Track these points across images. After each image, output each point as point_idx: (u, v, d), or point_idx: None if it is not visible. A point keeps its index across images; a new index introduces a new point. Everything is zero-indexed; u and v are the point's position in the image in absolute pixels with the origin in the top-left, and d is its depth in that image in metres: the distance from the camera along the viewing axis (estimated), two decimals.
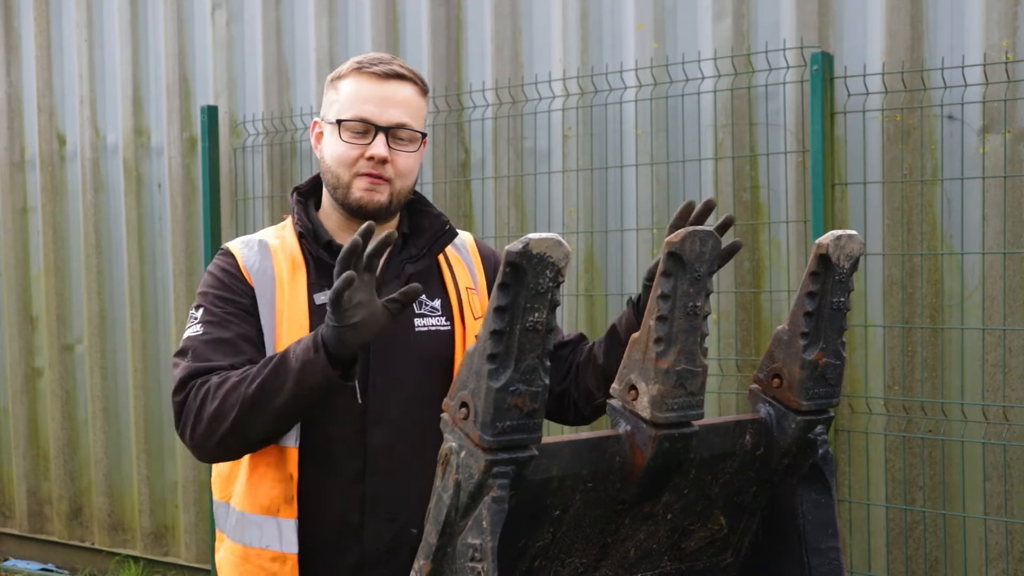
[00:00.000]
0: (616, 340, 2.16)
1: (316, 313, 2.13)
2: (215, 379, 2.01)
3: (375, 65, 2.17)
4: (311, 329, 2.10)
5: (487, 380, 1.46)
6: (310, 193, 2.29)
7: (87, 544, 6.28)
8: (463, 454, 1.50)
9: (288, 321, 2.12)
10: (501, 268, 1.45)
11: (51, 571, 6.28)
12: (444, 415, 1.55)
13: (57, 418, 6.33)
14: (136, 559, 6.04)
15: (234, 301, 2.13)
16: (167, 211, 5.85)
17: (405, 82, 2.19)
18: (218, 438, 2.00)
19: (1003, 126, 3.82)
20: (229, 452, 2.07)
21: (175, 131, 5.80)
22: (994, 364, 3.87)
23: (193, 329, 2.11)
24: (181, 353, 2.11)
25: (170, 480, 5.91)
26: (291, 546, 2.10)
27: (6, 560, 6.49)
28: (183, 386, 2.06)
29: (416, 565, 1.55)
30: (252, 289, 2.14)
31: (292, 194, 2.28)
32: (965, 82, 3.80)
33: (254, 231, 5.34)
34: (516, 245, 1.44)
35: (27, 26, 6.36)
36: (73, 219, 6.23)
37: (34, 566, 6.34)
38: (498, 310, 1.45)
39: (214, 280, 2.16)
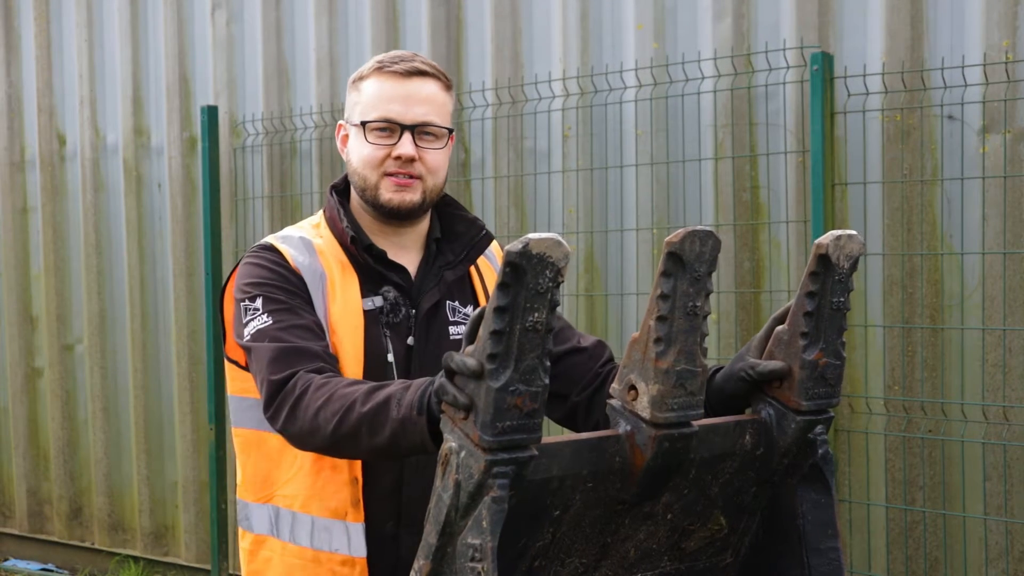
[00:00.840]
0: None
1: (367, 319, 2.10)
2: (318, 379, 1.89)
3: (396, 63, 2.13)
4: (365, 334, 2.08)
5: (487, 380, 1.46)
6: (345, 191, 2.23)
7: (87, 544, 6.28)
8: (463, 454, 1.50)
9: (342, 324, 2.08)
10: (501, 268, 1.45)
11: (51, 571, 6.28)
12: (443, 415, 1.55)
13: (57, 418, 6.33)
14: (136, 559, 6.04)
15: (294, 293, 2.06)
16: (167, 211, 5.85)
17: (428, 78, 2.14)
18: (311, 446, 1.92)
19: (1003, 126, 3.82)
20: (323, 455, 2.01)
21: (175, 131, 5.80)
22: (994, 364, 3.87)
23: (260, 320, 2.01)
24: (257, 339, 1.98)
25: (170, 480, 5.91)
26: (359, 550, 2.08)
27: (6, 560, 6.49)
28: (280, 366, 1.93)
29: (416, 565, 1.55)
30: (306, 285, 2.08)
31: (330, 192, 2.22)
32: (965, 82, 3.80)
33: (254, 231, 5.42)
34: (516, 245, 1.44)
35: (27, 26, 6.36)
36: (73, 219, 6.23)
37: (34, 566, 6.34)
38: (498, 310, 1.45)
39: (266, 272, 2.07)
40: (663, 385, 1.60)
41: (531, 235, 1.44)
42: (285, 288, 2.05)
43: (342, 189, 2.23)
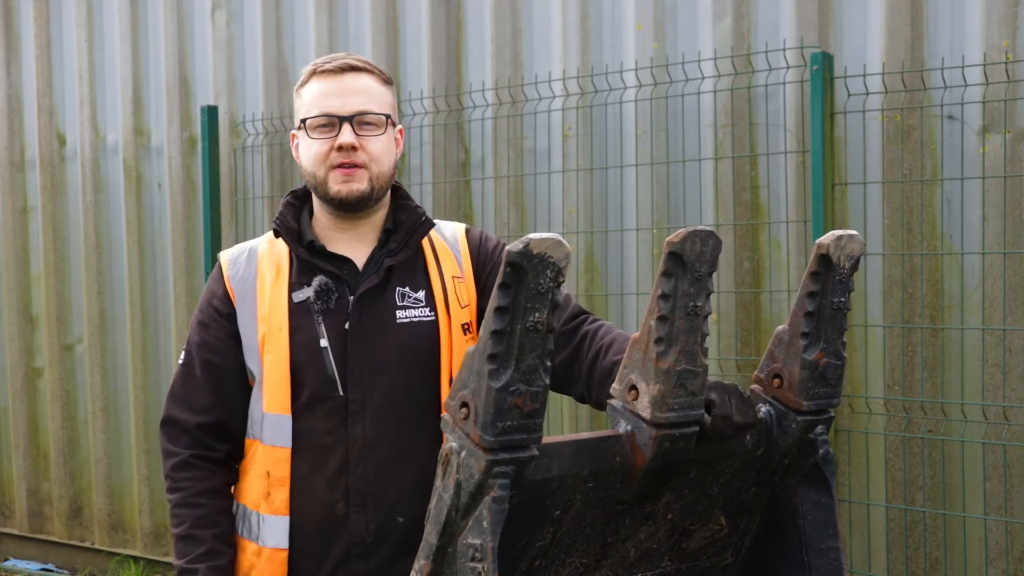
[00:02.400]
0: None
1: (295, 312, 2.20)
2: (173, 506, 2.20)
3: (329, 63, 2.24)
4: (291, 327, 2.19)
5: (488, 380, 1.47)
6: (305, 197, 2.33)
7: (87, 544, 6.28)
8: (463, 454, 1.50)
9: (270, 322, 2.20)
10: (502, 268, 1.45)
11: (51, 571, 6.28)
12: (445, 415, 1.55)
13: (57, 418, 6.33)
14: (136, 559, 6.04)
15: (209, 326, 2.25)
16: (167, 211, 5.85)
17: (362, 73, 2.24)
18: None
19: (1003, 126, 3.82)
20: None
21: (175, 131, 5.80)
22: (994, 364, 3.87)
23: (181, 358, 2.30)
24: (171, 384, 2.30)
25: None
26: (270, 541, 2.18)
27: (6, 560, 6.49)
28: (164, 429, 2.27)
29: (416, 565, 1.55)
30: (231, 302, 2.24)
31: (285, 196, 2.34)
32: (965, 82, 3.80)
33: (254, 231, 5.42)
34: (517, 245, 1.44)
35: (27, 26, 6.36)
36: (73, 219, 6.23)
37: (34, 566, 6.34)
38: (499, 310, 1.45)
39: (201, 303, 2.30)
40: (664, 385, 1.61)
41: (532, 235, 1.44)
42: (205, 323, 2.26)
43: (300, 194, 2.34)
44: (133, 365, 5.99)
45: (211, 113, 5.53)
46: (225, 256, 2.31)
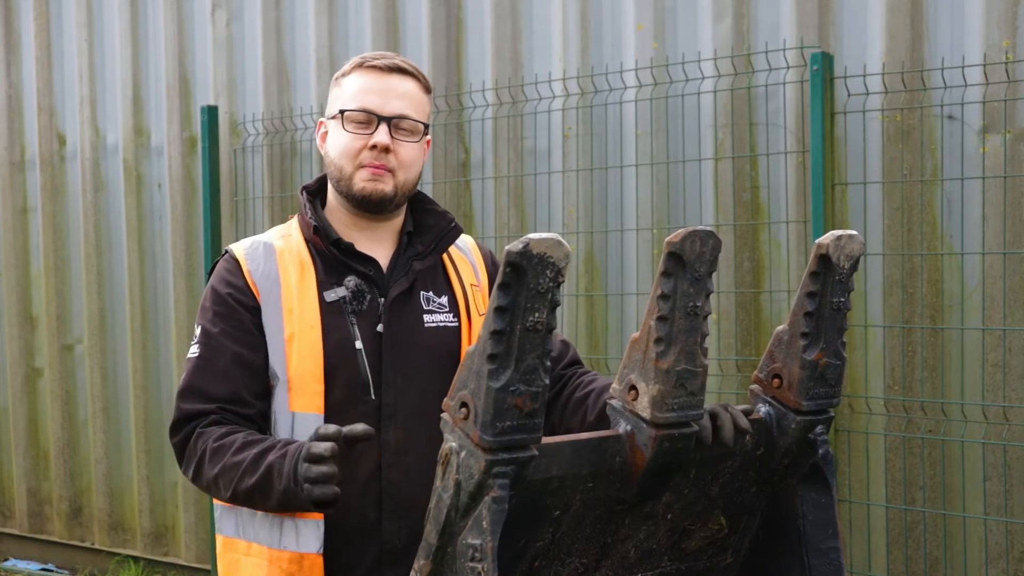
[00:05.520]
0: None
1: (327, 311, 2.15)
2: (212, 442, 2.06)
3: (377, 60, 2.21)
4: (323, 326, 2.13)
5: (487, 380, 1.47)
6: (317, 192, 2.30)
7: (87, 544, 6.28)
8: (463, 454, 1.50)
9: (299, 320, 2.13)
10: (501, 268, 1.45)
11: (51, 571, 6.28)
12: (444, 415, 1.55)
13: (57, 418, 6.33)
14: (136, 559, 6.04)
15: (230, 316, 2.15)
16: (167, 211, 5.85)
17: (407, 76, 2.21)
18: (221, 500, 2.12)
19: (1003, 126, 3.82)
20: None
21: (175, 131, 5.80)
22: (994, 364, 3.87)
23: (192, 351, 2.17)
24: (182, 381, 2.16)
25: (170, 480, 5.91)
26: (307, 546, 2.10)
27: (6, 560, 6.49)
28: (178, 428, 2.13)
29: (416, 565, 1.55)
30: (254, 295, 2.15)
31: (301, 192, 2.29)
32: (965, 82, 3.80)
33: (254, 231, 5.41)
34: (516, 245, 1.44)
35: (27, 26, 6.36)
36: (73, 219, 6.23)
37: (34, 566, 6.34)
38: (498, 310, 1.45)
39: (214, 294, 2.18)
40: (663, 385, 1.61)
41: (531, 235, 1.44)
42: (223, 313, 2.15)
43: (314, 190, 2.30)
44: (133, 365, 5.99)
45: (211, 113, 5.53)
46: (239, 249, 2.22)
